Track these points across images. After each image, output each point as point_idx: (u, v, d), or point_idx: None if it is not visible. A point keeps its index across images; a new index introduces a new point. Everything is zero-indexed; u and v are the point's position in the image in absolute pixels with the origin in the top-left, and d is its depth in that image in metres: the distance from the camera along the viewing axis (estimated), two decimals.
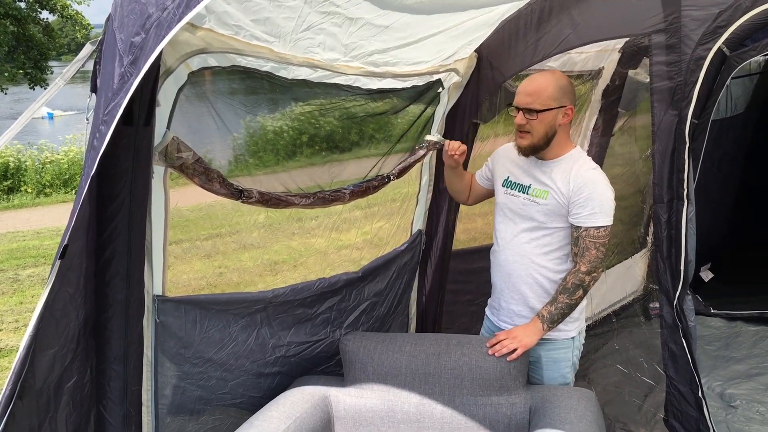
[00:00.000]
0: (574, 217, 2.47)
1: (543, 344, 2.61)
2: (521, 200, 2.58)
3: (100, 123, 1.69)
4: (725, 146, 5.39)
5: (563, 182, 2.47)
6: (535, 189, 2.55)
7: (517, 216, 2.60)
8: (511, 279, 2.63)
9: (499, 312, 2.74)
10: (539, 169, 2.56)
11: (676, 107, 2.51)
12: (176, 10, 1.56)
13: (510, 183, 2.64)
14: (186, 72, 2.03)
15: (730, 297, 5.22)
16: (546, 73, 2.50)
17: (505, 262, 2.65)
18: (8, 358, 5.11)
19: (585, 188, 2.43)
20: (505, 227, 2.64)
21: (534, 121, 2.43)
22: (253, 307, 2.51)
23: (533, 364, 2.66)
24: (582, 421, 2.23)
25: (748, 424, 3.54)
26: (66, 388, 1.98)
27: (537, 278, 2.58)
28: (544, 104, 2.41)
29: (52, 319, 1.85)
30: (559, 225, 2.52)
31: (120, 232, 2.01)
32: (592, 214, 2.42)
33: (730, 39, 4.93)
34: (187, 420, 2.43)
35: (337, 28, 2.14)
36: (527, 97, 2.43)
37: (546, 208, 2.51)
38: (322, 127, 2.94)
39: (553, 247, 2.55)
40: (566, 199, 2.46)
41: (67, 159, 12.91)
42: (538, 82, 2.44)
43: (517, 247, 2.60)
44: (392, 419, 2.52)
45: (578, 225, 2.46)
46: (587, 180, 2.44)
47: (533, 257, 2.57)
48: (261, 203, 2.36)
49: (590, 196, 2.42)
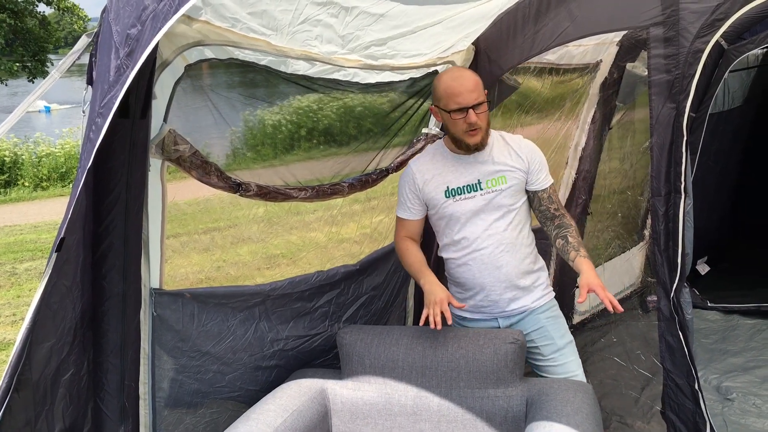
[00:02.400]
0: (536, 183, 2.62)
1: (537, 310, 2.70)
2: (479, 198, 2.58)
3: (96, 115, 1.68)
4: (722, 140, 5.39)
5: (513, 159, 2.59)
6: (488, 180, 2.58)
7: (483, 212, 2.60)
8: (502, 270, 2.63)
9: (492, 307, 2.70)
10: (477, 161, 2.58)
11: (674, 100, 2.51)
12: (172, 2, 1.56)
13: (454, 190, 2.60)
14: (183, 64, 2.02)
15: (726, 290, 5.23)
16: (460, 69, 2.58)
17: (491, 257, 2.62)
18: (6, 351, 5.11)
19: (534, 155, 2.62)
20: (476, 228, 2.61)
21: (482, 114, 2.47)
22: (251, 300, 2.51)
23: (538, 332, 2.69)
24: (578, 413, 2.23)
25: (744, 416, 3.55)
26: (63, 381, 1.98)
27: (521, 257, 2.65)
28: (484, 95, 2.47)
29: (49, 311, 1.85)
30: (520, 201, 2.63)
31: (116, 224, 2.01)
32: (547, 174, 2.64)
33: (728, 32, 4.93)
34: (184, 413, 2.43)
35: (334, 18, 2.14)
36: (473, 93, 2.42)
37: (510, 191, 2.59)
38: (320, 121, 2.93)
39: (522, 224, 2.65)
40: (524, 172, 2.59)
41: (64, 152, 12.91)
42: (470, 77, 2.46)
43: (497, 237, 2.60)
44: (389, 412, 2.52)
45: (545, 187, 2.63)
46: (530, 147, 2.63)
47: (515, 241, 2.63)
48: (259, 196, 2.36)
49: (541, 160, 2.63)
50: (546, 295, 2.75)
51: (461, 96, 2.41)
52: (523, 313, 2.70)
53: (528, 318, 2.71)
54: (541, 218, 2.69)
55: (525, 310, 2.70)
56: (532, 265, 2.70)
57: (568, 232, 2.60)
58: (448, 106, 2.44)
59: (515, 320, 2.71)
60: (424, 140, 2.97)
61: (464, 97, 2.41)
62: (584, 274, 2.43)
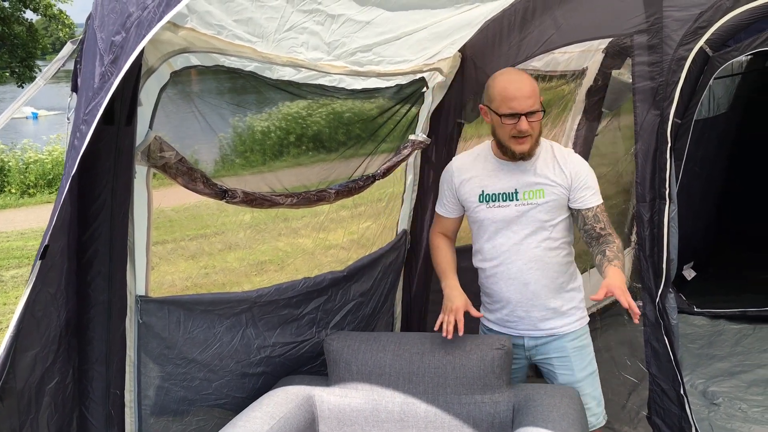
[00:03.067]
0: (579, 201, 2.47)
1: (566, 337, 2.59)
2: (513, 208, 2.49)
3: (80, 122, 1.68)
4: (708, 146, 5.44)
5: (555, 173, 2.45)
6: (526, 192, 2.47)
7: (515, 224, 2.50)
8: (529, 287, 2.53)
9: (518, 323, 2.62)
10: (519, 170, 2.48)
11: (658, 107, 2.54)
12: (157, 9, 1.56)
13: (489, 196, 2.53)
14: (168, 71, 2.02)
15: (713, 295, 5.28)
16: (520, 73, 2.44)
17: (518, 273, 2.52)
18: None
19: (581, 171, 2.47)
20: (506, 239, 2.52)
21: (535, 123, 2.37)
22: (237, 307, 2.50)
23: (560, 360, 2.60)
24: (565, 419, 2.24)
25: (730, 421, 3.58)
26: (47, 389, 1.97)
27: (554, 277, 2.54)
28: (540, 102, 2.37)
29: (33, 319, 1.84)
30: (558, 219, 2.50)
31: (102, 231, 2.01)
32: (595, 192, 2.48)
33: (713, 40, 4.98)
34: (170, 421, 2.42)
35: (320, 26, 2.14)
36: (528, 100, 2.32)
37: (548, 206, 2.46)
38: (309, 127, 2.93)
39: (558, 243, 2.52)
40: (566, 189, 2.46)
41: (51, 159, 12.84)
42: (528, 83, 2.36)
43: (527, 254, 2.50)
44: (376, 418, 2.52)
45: (589, 206, 2.47)
46: (578, 163, 2.49)
47: (547, 259, 2.51)
48: (246, 203, 2.36)
49: (586, 178, 2.47)
50: (578, 321, 2.62)
51: (516, 101, 2.32)
52: (551, 336, 2.60)
53: (554, 343, 2.60)
54: (585, 238, 2.51)
55: (554, 334, 2.59)
56: (565, 285, 2.58)
57: (608, 247, 2.41)
58: (500, 110, 2.36)
59: (542, 342, 2.61)
60: (411, 146, 2.98)
61: (519, 103, 2.32)
62: (608, 277, 2.28)
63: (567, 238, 2.56)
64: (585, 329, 2.65)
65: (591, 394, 2.62)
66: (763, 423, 3.53)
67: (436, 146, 3.13)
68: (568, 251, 2.58)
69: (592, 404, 2.63)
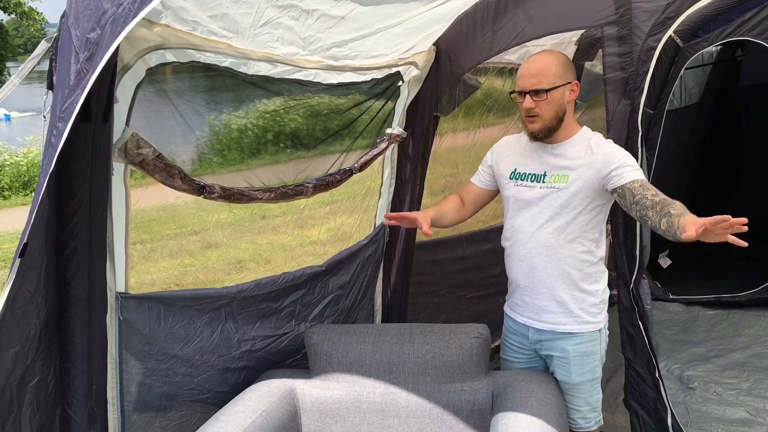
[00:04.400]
0: (619, 176, 2.29)
1: (570, 338, 2.53)
2: (537, 190, 2.48)
3: (57, 120, 1.68)
4: (681, 136, 5.53)
5: (584, 155, 2.40)
6: (553, 176, 2.45)
7: (535, 207, 2.48)
8: (536, 273, 2.52)
9: (524, 309, 2.61)
10: (551, 153, 2.47)
11: (629, 97, 2.58)
12: (132, 6, 1.57)
13: (520, 174, 2.54)
14: (144, 68, 2.03)
15: (688, 283, 5.37)
16: (544, 53, 2.42)
17: (527, 256, 2.52)
18: None
19: (615, 152, 2.36)
20: (524, 221, 2.51)
21: (543, 102, 2.35)
22: (217, 302, 2.52)
23: (560, 360, 2.57)
24: (542, 404, 2.29)
25: (705, 404, 3.65)
26: (29, 387, 1.98)
27: (564, 269, 2.48)
28: (550, 83, 2.34)
29: (13, 318, 1.84)
30: (580, 208, 2.42)
31: (80, 229, 2.01)
32: (635, 169, 2.30)
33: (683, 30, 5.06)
34: (153, 417, 2.43)
35: (295, 21, 2.16)
36: (532, 78, 2.34)
37: (568, 192, 2.41)
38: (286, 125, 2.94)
39: (576, 234, 2.45)
40: (596, 171, 2.35)
41: (27, 161, 12.67)
42: (540, 62, 2.36)
43: (540, 239, 2.48)
44: (358, 409, 2.55)
45: (633, 178, 2.27)
46: (612, 146, 2.40)
47: (558, 248, 2.46)
48: (223, 198, 2.37)
49: (622, 157, 2.33)
50: (586, 325, 2.53)
51: (522, 78, 2.36)
52: (554, 333, 2.55)
53: (557, 342, 2.56)
54: (640, 213, 2.21)
55: (556, 331, 2.55)
56: (579, 283, 2.50)
57: (670, 206, 2.11)
58: (513, 87, 2.43)
59: (545, 338, 2.58)
60: (387, 140, 3.00)
61: (523, 80, 2.36)
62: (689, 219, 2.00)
63: (589, 234, 2.47)
64: (594, 336, 2.54)
65: (585, 398, 2.60)
66: (737, 405, 3.61)
67: (413, 139, 3.16)
68: (588, 249, 2.48)
69: (585, 408, 2.61)
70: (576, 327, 2.52)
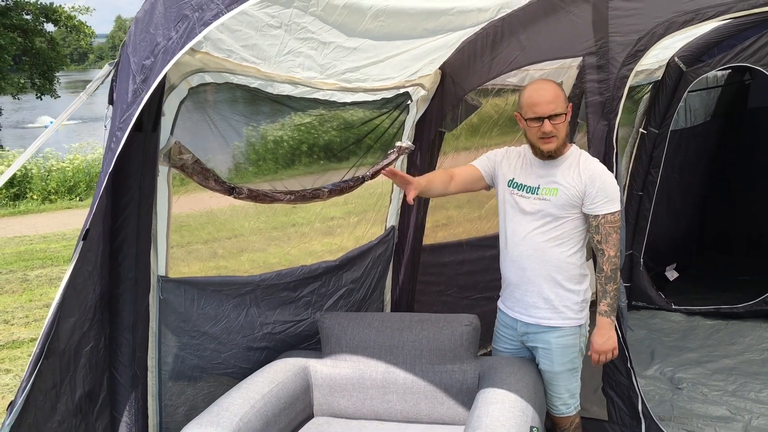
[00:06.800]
0: (590, 207, 2.70)
1: (553, 332, 2.82)
2: (531, 200, 2.77)
3: (116, 129, 2.08)
4: (686, 154, 5.77)
5: (573, 178, 2.70)
6: (545, 188, 2.75)
7: (528, 215, 2.78)
8: (526, 273, 2.81)
9: (514, 305, 2.92)
10: (544, 169, 2.76)
11: (606, 118, 2.92)
12: (179, 40, 1.97)
13: (516, 184, 2.83)
14: (187, 87, 2.43)
15: (690, 294, 5.62)
16: (548, 82, 2.70)
17: (519, 258, 2.82)
18: (20, 349, 5.49)
19: (596, 180, 2.68)
20: (517, 225, 2.81)
21: (560, 125, 2.64)
22: (243, 288, 2.90)
23: (544, 351, 2.86)
24: (519, 383, 2.63)
25: (690, 403, 3.90)
26: (84, 352, 2.34)
27: (549, 269, 2.77)
28: (564, 107, 2.64)
29: (74, 291, 2.22)
30: (567, 216, 2.73)
31: (130, 220, 2.39)
32: (606, 201, 2.68)
33: (686, 56, 5.39)
34: (185, 385, 2.79)
35: (314, 51, 2.55)
36: (550, 105, 2.60)
37: (557, 203, 2.71)
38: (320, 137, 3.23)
39: (563, 239, 2.76)
40: (580, 193, 2.69)
41: (72, 167, 13.25)
42: (552, 90, 2.63)
43: (531, 243, 2.78)
44: (362, 385, 2.92)
45: (596, 214, 2.69)
46: (596, 172, 2.70)
47: (546, 250, 2.76)
48: (250, 198, 2.76)
49: (602, 186, 2.68)
50: (568, 320, 2.82)
51: (539, 107, 2.61)
52: (539, 327, 2.85)
53: (542, 335, 2.85)
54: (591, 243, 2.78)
55: (541, 325, 2.84)
56: (564, 283, 2.80)
57: (598, 275, 2.74)
58: (527, 114, 2.66)
59: (531, 330, 2.88)
60: (397, 152, 3.38)
61: (541, 108, 2.61)
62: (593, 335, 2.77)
63: (574, 240, 2.78)
64: (574, 330, 2.84)
65: (566, 386, 2.90)
66: (720, 404, 3.86)
67: (420, 152, 3.54)
68: (574, 252, 2.79)
69: (565, 395, 2.92)
70: (559, 321, 2.82)
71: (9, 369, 5.04)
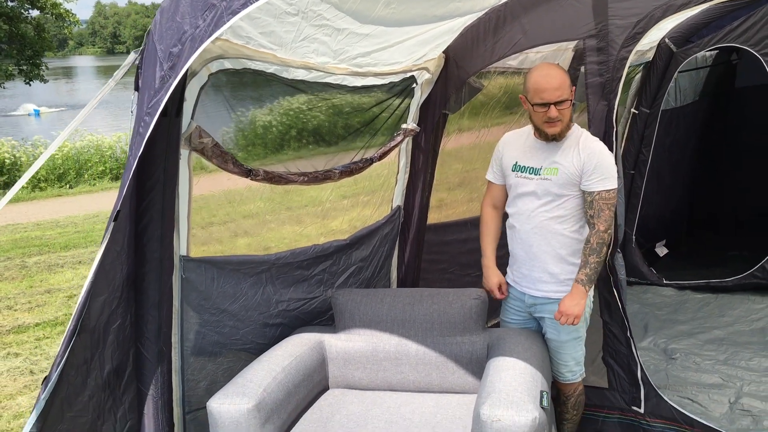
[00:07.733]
0: (585, 184, 2.81)
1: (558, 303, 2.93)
2: (535, 182, 2.90)
3: (144, 114, 2.16)
4: (676, 133, 5.91)
5: (573, 156, 2.82)
6: (546, 169, 2.87)
7: (532, 194, 2.91)
8: (532, 249, 2.96)
9: (522, 279, 3.07)
10: (546, 150, 2.88)
11: (606, 99, 3.04)
12: (207, 28, 2.06)
13: (520, 167, 2.95)
14: (207, 73, 2.52)
15: (681, 270, 5.79)
16: (552, 66, 2.78)
17: (525, 235, 2.97)
18: (26, 333, 5.57)
19: (593, 158, 2.79)
20: (523, 205, 2.95)
21: (565, 110, 2.75)
22: (259, 267, 3.01)
23: (551, 321, 3.00)
24: (527, 351, 2.77)
25: (684, 372, 4.07)
26: (112, 329, 2.44)
27: (554, 245, 2.92)
28: (569, 93, 2.74)
29: (103, 271, 2.31)
30: (569, 194, 2.86)
31: (156, 202, 2.48)
32: (602, 179, 2.79)
33: (676, 37, 5.51)
34: (206, 360, 2.91)
35: (328, 37, 2.65)
36: (557, 91, 2.70)
37: (558, 182, 2.84)
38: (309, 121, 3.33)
39: (566, 217, 2.89)
40: (578, 171, 2.81)
41: (62, 155, 13.24)
42: (557, 76, 2.71)
43: (536, 220, 2.92)
44: (375, 358, 3.05)
45: (591, 190, 2.80)
46: (594, 150, 2.81)
47: (550, 228, 2.90)
48: (266, 180, 2.86)
49: (599, 164, 2.79)
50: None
51: (546, 92, 2.70)
52: (546, 299, 2.99)
53: (548, 306, 2.99)
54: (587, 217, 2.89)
55: (549, 297, 2.99)
56: (567, 257, 2.94)
57: (585, 246, 2.85)
58: (533, 100, 2.75)
59: (539, 302, 3.03)
60: (403, 134, 3.49)
61: (548, 94, 2.70)
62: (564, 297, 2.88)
63: (577, 215, 2.91)
64: None
65: (571, 354, 3.06)
66: (712, 372, 4.03)
67: (425, 133, 3.65)
68: (578, 228, 2.93)
69: (571, 363, 3.07)
70: (564, 294, 2.94)
71: (18, 353, 5.13)
